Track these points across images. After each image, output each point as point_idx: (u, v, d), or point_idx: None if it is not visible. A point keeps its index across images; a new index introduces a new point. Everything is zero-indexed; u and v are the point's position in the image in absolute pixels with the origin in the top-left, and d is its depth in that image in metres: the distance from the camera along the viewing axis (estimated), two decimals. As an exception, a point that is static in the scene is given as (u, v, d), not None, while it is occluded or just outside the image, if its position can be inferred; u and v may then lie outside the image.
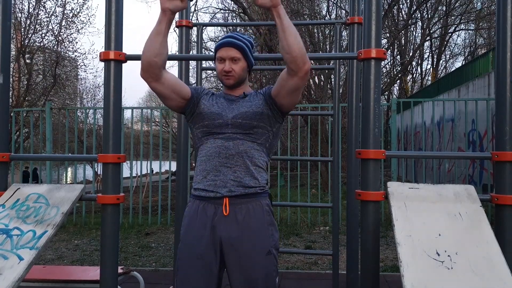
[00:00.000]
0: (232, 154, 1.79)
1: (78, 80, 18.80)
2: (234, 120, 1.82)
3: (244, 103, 1.87)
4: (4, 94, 2.08)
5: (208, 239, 1.77)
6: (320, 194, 7.62)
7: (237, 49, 1.85)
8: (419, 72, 24.35)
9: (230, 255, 1.76)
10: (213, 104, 1.89)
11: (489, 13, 16.61)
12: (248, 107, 1.85)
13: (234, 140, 1.81)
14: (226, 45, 1.85)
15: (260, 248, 1.76)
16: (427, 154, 6.07)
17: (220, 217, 1.77)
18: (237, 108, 1.86)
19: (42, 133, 7.67)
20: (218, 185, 1.77)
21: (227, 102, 1.90)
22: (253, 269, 1.74)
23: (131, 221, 7.09)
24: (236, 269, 1.75)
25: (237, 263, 1.75)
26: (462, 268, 1.37)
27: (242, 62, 1.87)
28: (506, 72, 1.76)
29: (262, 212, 1.80)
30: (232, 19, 16.46)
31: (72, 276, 2.82)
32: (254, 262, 1.74)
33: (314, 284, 4.08)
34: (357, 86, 2.86)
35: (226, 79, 1.87)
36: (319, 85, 15.21)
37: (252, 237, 1.75)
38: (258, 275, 1.74)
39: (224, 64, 1.85)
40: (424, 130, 7.65)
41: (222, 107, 1.88)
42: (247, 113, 1.83)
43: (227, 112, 1.86)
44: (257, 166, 1.83)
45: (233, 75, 1.86)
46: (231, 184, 1.77)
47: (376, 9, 1.80)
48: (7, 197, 1.92)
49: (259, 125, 1.84)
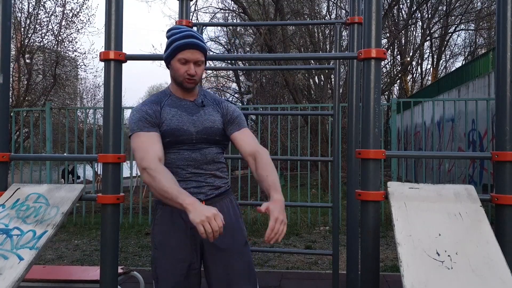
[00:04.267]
0: (200, 164, 1.82)
1: (78, 80, 18.78)
2: (199, 136, 1.83)
3: (206, 116, 1.85)
4: (4, 94, 2.08)
5: (188, 243, 1.80)
6: (320, 194, 7.62)
7: (202, 51, 1.80)
8: (419, 72, 24.36)
9: (211, 253, 1.81)
10: (171, 118, 1.80)
11: (489, 13, 16.61)
12: (211, 122, 1.85)
13: (201, 150, 1.83)
14: (192, 47, 1.76)
15: (239, 241, 1.85)
16: (427, 154, 6.06)
17: None
18: (200, 121, 1.83)
19: (42, 133, 7.67)
20: (193, 192, 1.76)
21: (185, 112, 1.84)
22: (236, 261, 1.81)
23: (131, 221, 7.09)
24: (218, 265, 1.80)
25: (219, 259, 1.80)
26: (462, 268, 1.37)
27: (203, 64, 1.84)
28: (506, 72, 1.76)
29: (233, 207, 1.90)
30: (232, 19, 16.47)
31: (72, 276, 2.82)
32: (236, 255, 1.82)
33: (314, 284, 4.08)
34: (357, 86, 2.86)
35: (189, 83, 1.81)
36: (319, 85, 15.22)
37: (230, 232, 1.81)
38: (241, 265, 1.81)
39: (187, 66, 1.78)
40: (424, 130, 7.65)
41: (181, 119, 1.82)
42: (212, 129, 1.84)
43: (188, 125, 1.81)
44: (221, 166, 1.91)
45: (195, 79, 1.81)
46: (206, 190, 1.83)
47: (376, 9, 1.80)
48: (7, 197, 1.92)
49: (222, 138, 1.89)
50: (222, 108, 1.91)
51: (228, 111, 1.90)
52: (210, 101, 1.92)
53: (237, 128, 1.89)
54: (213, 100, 1.93)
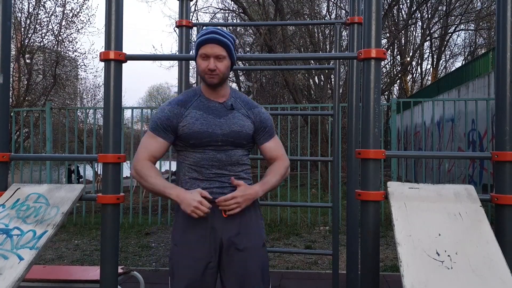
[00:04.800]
0: (225, 165, 1.82)
1: (78, 80, 18.78)
2: (225, 138, 1.81)
3: (234, 120, 1.84)
4: (4, 94, 2.08)
5: (207, 241, 1.79)
6: (320, 194, 7.62)
7: (222, 46, 1.76)
8: (419, 72, 24.37)
9: (230, 253, 1.80)
10: (194, 121, 1.80)
11: (489, 13, 16.61)
12: (240, 126, 1.83)
13: (226, 152, 1.83)
14: (211, 41, 1.75)
15: (257, 242, 1.85)
16: (427, 154, 6.07)
17: (218, 219, 1.80)
18: (227, 125, 1.82)
19: (42, 133, 7.67)
20: (215, 192, 1.81)
21: (212, 115, 1.82)
22: (251, 262, 1.81)
23: (131, 221, 7.09)
24: (234, 265, 1.80)
25: (236, 259, 1.80)
26: (462, 268, 1.37)
27: (227, 60, 1.79)
28: (506, 72, 1.76)
29: (254, 208, 1.89)
30: (232, 19, 16.46)
31: (72, 276, 2.82)
32: (253, 256, 1.82)
33: (314, 284, 4.08)
34: (357, 86, 2.86)
35: (210, 78, 1.78)
36: (319, 85, 15.22)
37: (250, 233, 1.83)
38: (255, 267, 1.81)
39: (208, 61, 1.76)
40: (424, 130, 7.65)
41: (207, 122, 1.80)
42: (240, 133, 1.83)
43: (214, 128, 1.80)
44: (246, 167, 1.90)
45: (217, 73, 1.77)
46: (228, 191, 1.82)
47: (376, 9, 1.80)
48: (7, 197, 1.92)
49: (248, 142, 1.90)
50: (254, 114, 1.88)
51: (261, 119, 1.89)
52: (242, 105, 1.88)
53: (268, 138, 1.92)
54: (245, 104, 1.90)
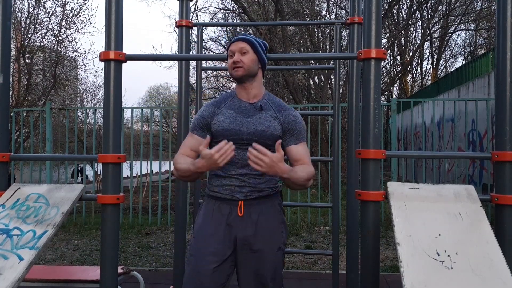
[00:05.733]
0: (247, 164, 1.80)
1: (78, 80, 18.80)
2: (250, 137, 1.85)
3: (261, 120, 1.87)
4: (4, 94, 2.08)
5: (223, 237, 1.83)
6: (320, 194, 7.62)
7: (245, 42, 1.88)
8: (419, 72, 24.36)
9: (243, 252, 1.84)
10: (224, 120, 1.88)
11: (489, 13, 16.61)
12: (266, 126, 1.86)
13: None
14: (236, 40, 1.90)
15: (273, 246, 1.86)
16: (427, 154, 6.06)
17: (235, 217, 1.84)
18: (253, 124, 1.86)
19: (42, 133, 7.67)
20: (234, 190, 1.85)
21: (241, 114, 1.89)
22: (264, 264, 1.83)
23: (131, 221, 7.09)
24: (248, 265, 1.83)
25: (250, 259, 1.83)
26: (462, 268, 1.37)
27: (251, 54, 1.88)
28: (506, 72, 1.76)
29: (274, 212, 1.90)
30: (232, 19, 16.45)
31: (72, 276, 2.82)
32: (266, 259, 1.84)
33: (314, 284, 4.08)
34: (357, 86, 2.86)
35: (235, 70, 1.87)
36: (319, 85, 15.21)
37: (266, 236, 1.85)
38: (267, 270, 1.83)
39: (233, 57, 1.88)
40: (424, 130, 7.65)
41: (235, 121, 1.87)
42: (264, 133, 1.86)
43: (241, 126, 1.86)
44: None
45: (241, 65, 1.85)
46: (246, 190, 1.85)
47: (376, 9, 1.80)
48: (7, 197, 1.92)
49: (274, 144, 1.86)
50: (283, 116, 1.90)
51: (290, 121, 1.90)
52: (272, 107, 1.92)
53: (295, 141, 1.91)
54: (276, 106, 1.93)
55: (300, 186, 1.82)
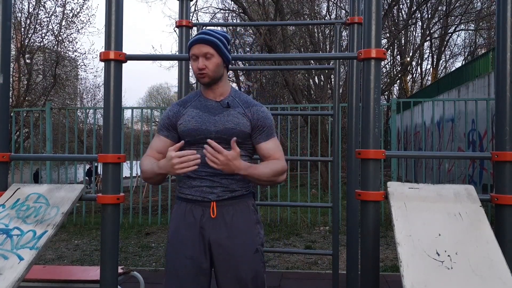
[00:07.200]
0: None
1: (78, 80, 18.82)
2: (218, 135, 1.80)
3: (229, 117, 1.82)
4: (4, 94, 2.08)
5: (196, 240, 1.79)
6: (320, 194, 7.62)
7: (209, 45, 1.78)
8: (419, 72, 24.37)
9: (219, 255, 1.79)
10: (190, 119, 1.83)
11: (489, 13, 16.61)
12: (234, 124, 1.81)
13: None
14: (198, 42, 1.78)
15: (249, 247, 1.81)
16: (427, 154, 6.06)
17: (207, 219, 1.80)
18: (221, 122, 1.81)
19: (42, 133, 7.67)
20: (205, 191, 1.80)
21: (208, 113, 1.84)
22: (242, 268, 1.78)
23: (131, 221, 7.09)
24: (225, 269, 1.78)
25: (226, 263, 1.78)
26: (462, 268, 1.37)
27: (216, 58, 1.80)
28: (506, 72, 1.76)
29: (249, 212, 1.86)
30: (232, 19, 16.47)
31: (72, 276, 2.82)
32: (243, 261, 1.78)
33: (314, 284, 4.08)
34: (357, 86, 2.86)
35: (201, 78, 1.81)
36: (319, 85, 15.22)
37: (240, 237, 1.80)
38: (247, 274, 1.78)
39: (197, 61, 1.79)
40: (424, 130, 7.65)
41: (201, 120, 1.82)
42: (233, 130, 1.80)
43: (208, 125, 1.81)
44: None
45: (206, 72, 1.79)
46: (218, 191, 1.81)
47: (376, 9, 1.80)
48: (7, 197, 1.92)
49: (244, 141, 1.85)
50: (251, 112, 1.85)
51: (259, 117, 1.85)
52: (240, 103, 1.87)
53: (264, 138, 1.86)
54: (244, 102, 1.88)
55: (266, 182, 1.79)
